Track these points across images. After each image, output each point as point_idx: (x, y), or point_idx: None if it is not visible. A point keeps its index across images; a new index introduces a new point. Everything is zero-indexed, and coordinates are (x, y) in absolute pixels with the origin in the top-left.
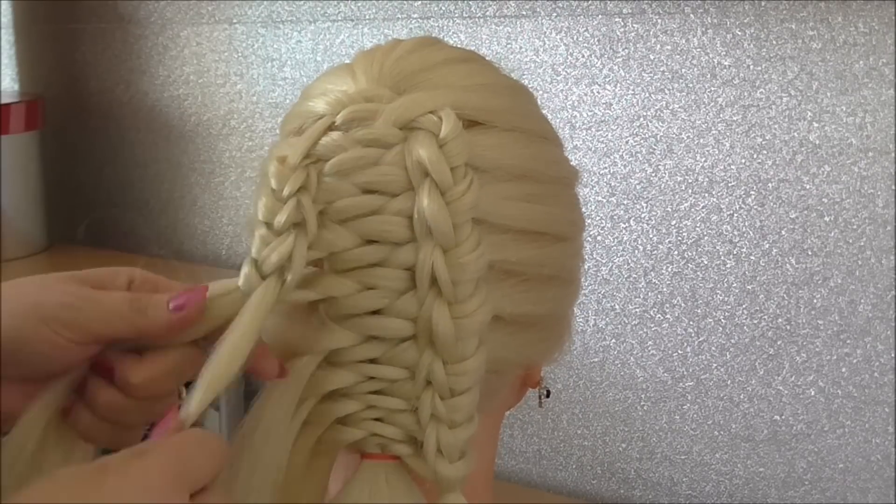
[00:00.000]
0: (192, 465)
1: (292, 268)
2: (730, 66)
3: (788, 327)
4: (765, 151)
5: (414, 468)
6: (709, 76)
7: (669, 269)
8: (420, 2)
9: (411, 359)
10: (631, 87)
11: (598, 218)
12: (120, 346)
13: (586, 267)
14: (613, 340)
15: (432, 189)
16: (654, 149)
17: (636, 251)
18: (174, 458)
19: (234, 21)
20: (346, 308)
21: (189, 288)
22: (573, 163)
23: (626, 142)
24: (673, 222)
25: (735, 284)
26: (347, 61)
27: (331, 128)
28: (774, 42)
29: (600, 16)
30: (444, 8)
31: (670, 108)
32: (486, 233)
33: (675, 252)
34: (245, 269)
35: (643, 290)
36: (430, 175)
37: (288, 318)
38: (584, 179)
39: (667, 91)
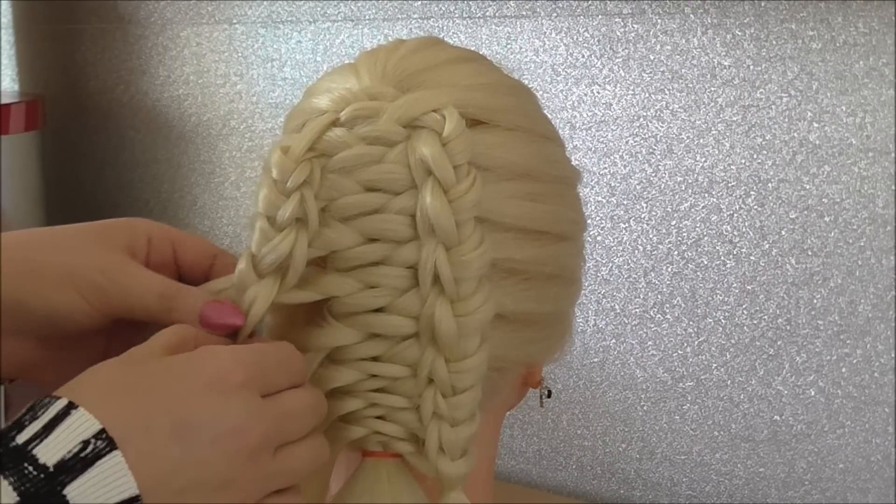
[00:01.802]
0: (268, 366)
1: (292, 265)
2: (730, 66)
3: (788, 327)
4: (765, 151)
5: (416, 466)
6: (709, 76)
7: (669, 269)
8: (420, 2)
9: (413, 356)
10: (631, 87)
11: (598, 218)
12: None
13: (586, 267)
14: (613, 340)
15: (435, 187)
16: (654, 149)
17: (636, 251)
18: (250, 356)
19: (234, 21)
20: (348, 306)
21: (227, 306)
22: (573, 163)
23: (626, 142)
24: (673, 222)
25: (735, 284)
26: (348, 61)
27: (335, 124)
28: (774, 42)
29: (600, 16)
30: (444, 8)
31: (670, 108)
32: (489, 231)
33: (675, 252)
34: (241, 265)
35: (643, 290)
36: (433, 173)
37: (290, 315)
38: (584, 179)
39: (667, 91)
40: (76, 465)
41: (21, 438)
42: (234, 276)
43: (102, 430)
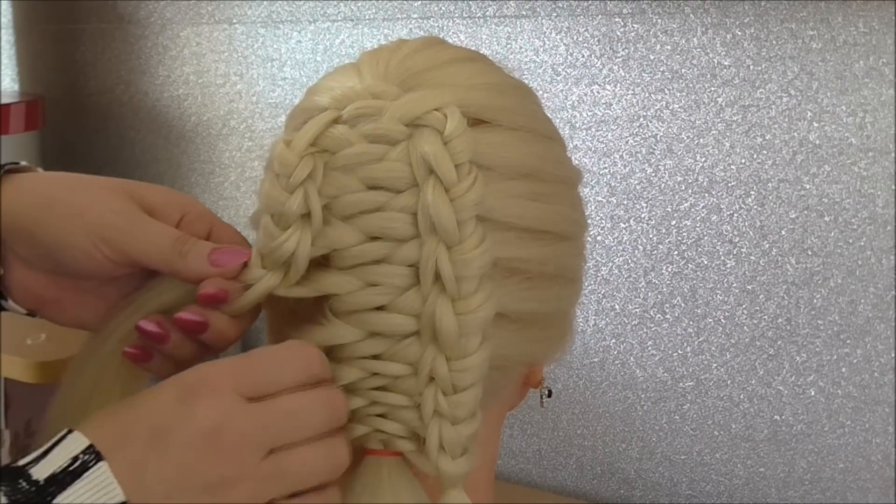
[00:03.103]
0: (256, 369)
1: (295, 264)
2: (730, 66)
3: (788, 327)
4: (765, 151)
5: (416, 464)
6: (709, 76)
7: (669, 269)
8: (420, 2)
9: (414, 355)
10: (631, 87)
11: (598, 218)
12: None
13: (586, 267)
14: (613, 340)
15: (437, 185)
16: (654, 149)
17: (636, 251)
18: (232, 360)
19: (234, 21)
20: (348, 304)
21: (234, 248)
22: (574, 163)
23: (626, 142)
24: (673, 222)
25: (735, 284)
26: (348, 61)
27: (337, 121)
28: (774, 42)
29: (600, 16)
30: (444, 8)
31: (670, 108)
32: (490, 230)
33: (675, 252)
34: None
35: (643, 290)
36: (435, 171)
37: (291, 312)
38: (585, 179)
39: (667, 91)
40: (65, 478)
41: (22, 461)
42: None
43: (91, 446)
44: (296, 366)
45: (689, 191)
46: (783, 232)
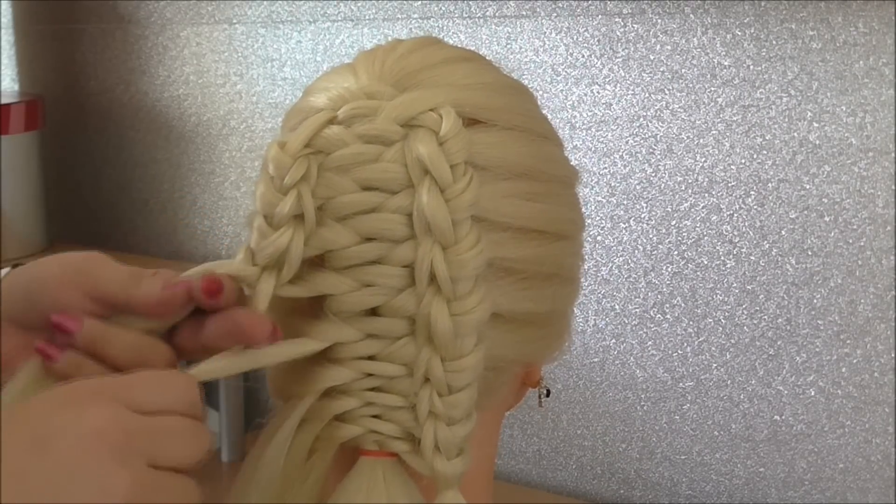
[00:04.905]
0: (136, 386)
1: (288, 262)
2: (730, 66)
3: (788, 327)
4: (765, 151)
5: (411, 465)
6: (709, 76)
7: (669, 269)
8: (420, 2)
9: (409, 356)
10: (631, 87)
11: (598, 218)
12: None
13: (586, 267)
14: (613, 340)
15: (432, 186)
16: (654, 149)
17: (636, 251)
18: (116, 378)
19: (234, 21)
20: (344, 305)
21: (188, 280)
22: (573, 163)
23: (626, 142)
24: (673, 222)
25: (735, 284)
26: (348, 61)
27: (332, 122)
28: (774, 42)
29: (600, 16)
30: (444, 8)
31: (670, 108)
32: (486, 230)
33: (675, 252)
34: (238, 257)
35: (643, 290)
36: (430, 172)
37: (289, 313)
38: (584, 179)
39: (667, 91)
40: None
41: None
42: (207, 266)
43: None
44: (177, 393)
45: (689, 191)
46: (783, 232)
